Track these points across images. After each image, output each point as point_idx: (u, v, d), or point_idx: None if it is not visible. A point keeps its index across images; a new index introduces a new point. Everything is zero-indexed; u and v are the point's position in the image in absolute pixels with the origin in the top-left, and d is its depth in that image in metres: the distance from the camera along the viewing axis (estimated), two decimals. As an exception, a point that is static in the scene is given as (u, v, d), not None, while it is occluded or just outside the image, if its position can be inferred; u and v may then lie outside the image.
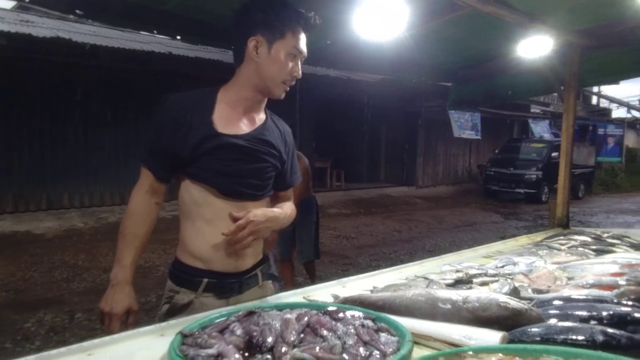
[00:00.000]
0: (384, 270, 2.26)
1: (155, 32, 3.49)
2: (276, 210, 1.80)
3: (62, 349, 1.27)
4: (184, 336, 1.21)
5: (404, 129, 17.29)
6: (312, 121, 13.89)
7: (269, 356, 1.11)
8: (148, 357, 1.23)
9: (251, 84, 1.74)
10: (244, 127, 1.76)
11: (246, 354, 1.12)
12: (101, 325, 1.66)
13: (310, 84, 11.59)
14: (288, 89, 1.78)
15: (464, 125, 16.47)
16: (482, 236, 9.68)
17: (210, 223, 1.72)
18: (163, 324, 1.46)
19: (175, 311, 1.71)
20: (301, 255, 5.42)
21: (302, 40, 1.73)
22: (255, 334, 1.17)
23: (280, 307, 1.43)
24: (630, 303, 1.43)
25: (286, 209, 1.87)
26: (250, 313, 1.30)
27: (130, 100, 10.40)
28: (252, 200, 1.76)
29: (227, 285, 1.76)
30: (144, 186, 1.75)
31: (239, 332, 1.20)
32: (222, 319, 1.31)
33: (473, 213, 13.72)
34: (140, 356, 1.27)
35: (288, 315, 1.28)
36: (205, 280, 1.72)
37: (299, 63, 1.76)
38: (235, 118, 1.75)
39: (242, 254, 1.77)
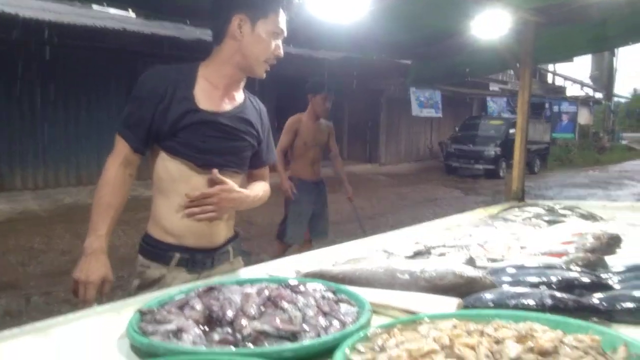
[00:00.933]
0: (346, 243, 2.28)
1: (105, 4, 3.34)
2: (246, 192, 1.82)
3: (16, 330, 1.24)
4: (142, 314, 1.20)
5: (367, 107, 17.35)
6: (273, 99, 13.75)
7: (229, 329, 1.11)
8: (105, 336, 1.21)
9: (233, 62, 1.73)
10: (225, 105, 1.77)
11: (206, 328, 1.12)
12: (75, 296, 1.63)
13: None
14: (269, 68, 1.78)
15: (424, 103, 16.68)
16: (443, 211, 9.87)
17: (185, 198, 1.72)
18: (119, 302, 1.44)
19: (146, 286, 1.72)
20: (322, 233, 5.23)
21: (283, 19, 1.73)
22: (215, 308, 1.17)
23: (241, 282, 1.43)
24: (577, 269, 1.49)
25: (257, 191, 1.90)
26: (210, 289, 1.29)
27: (83, 78, 10.03)
28: (229, 177, 1.76)
29: (199, 261, 1.78)
30: (119, 157, 1.73)
31: (198, 307, 1.19)
32: (182, 295, 1.30)
33: (434, 189, 13.99)
34: (97, 335, 1.24)
35: (248, 290, 1.28)
36: (178, 255, 1.74)
37: (281, 42, 1.76)
38: (216, 95, 1.75)
39: (216, 230, 1.79)
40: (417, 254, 1.93)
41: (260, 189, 1.92)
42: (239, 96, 1.83)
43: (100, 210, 1.69)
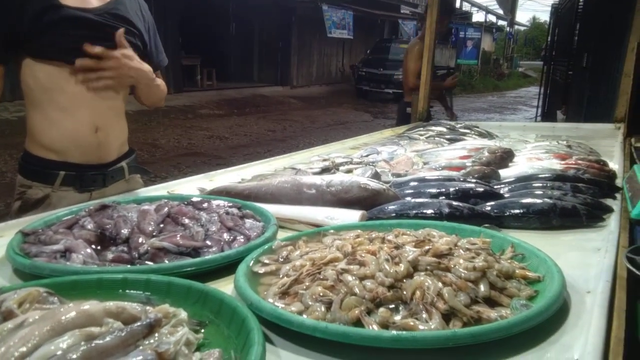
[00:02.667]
0: (253, 163, 2.23)
1: None
2: (147, 66, 1.66)
3: None
4: (24, 235, 1.10)
5: (278, 26, 16.76)
6: (176, 15, 12.81)
7: (124, 248, 1.05)
8: (-16, 260, 1.09)
9: None
10: (93, 1, 1.57)
11: (98, 248, 1.05)
12: None
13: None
14: None
15: (337, 24, 16.41)
16: (353, 134, 10.06)
17: (65, 111, 1.56)
18: (1, 224, 1.30)
19: (29, 207, 1.58)
20: None
21: None
22: (108, 226, 1.09)
23: (139, 201, 1.35)
24: (473, 180, 1.57)
25: (157, 77, 1.74)
26: (103, 207, 1.20)
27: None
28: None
29: (89, 178, 1.65)
30: None
31: (89, 226, 1.11)
32: (70, 216, 1.20)
33: (345, 113, 14.16)
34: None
35: (146, 206, 1.21)
36: (62, 172, 1.59)
37: None
38: None
39: (105, 144, 1.65)
40: (325, 171, 1.93)
41: (159, 81, 1.77)
42: None
43: None
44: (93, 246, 1.04)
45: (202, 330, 0.77)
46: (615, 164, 2.05)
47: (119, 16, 1.60)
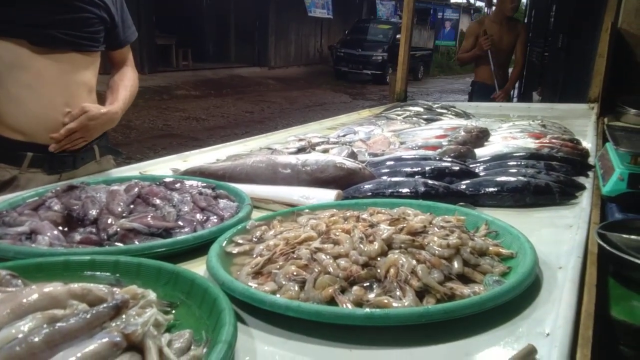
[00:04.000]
0: (229, 143, 2.20)
1: None
2: (113, 108, 1.64)
3: None
4: (-12, 217, 1.06)
5: (255, 5, 16.46)
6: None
7: (93, 229, 1.02)
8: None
9: None
10: None
11: (66, 229, 1.01)
12: None
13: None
14: None
15: (316, 3, 16.22)
16: (331, 115, 10.03)
17: (30, 89, 1.50)
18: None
19: None
20: None
21: None
22: (75, 207, 1.06)
23: (109, 182, 1.31)
24: (449, 159, 1.57)
25: (123, 94, 1.70)
26: (71, 187, 1.16)
27: None
28: (78, 54, 1.56)
29: (58, 160, 1.61)
30: None
31: (56, 207, 1.08)
32: (36, 197, 1.16)
33: (324, 94, 14.08)
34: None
35: (115, 187, 1.18)
36: (30, 154, 1.55)
37: None
38: None
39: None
40: (301, 150, 1.91)
41: (126, 88, 1.73)
42: None
43: None
44: (60, 228, 1.01)
45: (173, 312, 0.75)
46: (588, 143, 2.07)
47: None
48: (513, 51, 4.57)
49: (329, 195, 1.29)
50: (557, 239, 1.12)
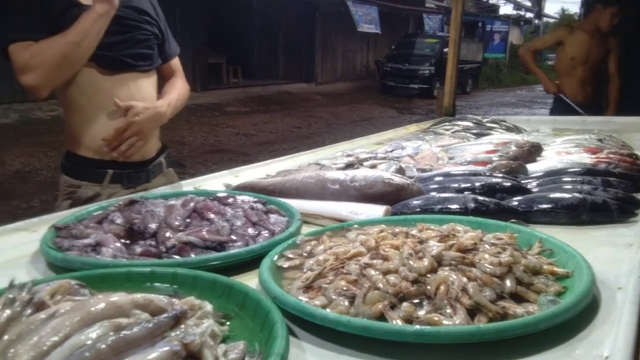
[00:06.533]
0: (278, 159, 2.25)
1: None
2: (161, 102, 1.70)
3: None
4: (57, 229, 1.13)
5: (301, 22, 16.76)
6: (203, 13, 12.93)
7: (152, 242, 1.07)
8: (18, 254, 1.13)
9: None
10: None
11: (127, 242, 1.07)
12: None
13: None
14: None
15: (363, 18, 16.33)
16: (378, 130, 10.04)
17: (102, 109, 1.60)
18: (35, 219, 1.34)
19: (81, 205, 1.61)
20: None
21: None
22: (136, 221, 1.12)
23: (166, 196, 1.37)
24: (500, 175, 1.55)
25: (172, 95, 1.77)
26: (132, 202, 1.23)
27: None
28: (140, 73, 1.66)
29: (134, 175, 1.71)
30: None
31: (119, 221, 1.14)
32: (100, 211, 1.23)
33: (370, 109, 14.09)
34: (10, 254, 1.16)
35: (173, 202, 1.23)
36: (110, 171, 1.65)
37: None
38: None
39: (146, 143, 1.70)
40: (349, 166, 1.93)
41: (173, 91, 1.80)
42: None
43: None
44: (122, 240, 1.07)
45: (227, 323, 0.78)
46: (648, 158, 1.99)
47: (135, 8, 1.65)
48: (599, 66, 4.23)
49: (377, 211, 1.29)
50: (615, 258, 1.08)
